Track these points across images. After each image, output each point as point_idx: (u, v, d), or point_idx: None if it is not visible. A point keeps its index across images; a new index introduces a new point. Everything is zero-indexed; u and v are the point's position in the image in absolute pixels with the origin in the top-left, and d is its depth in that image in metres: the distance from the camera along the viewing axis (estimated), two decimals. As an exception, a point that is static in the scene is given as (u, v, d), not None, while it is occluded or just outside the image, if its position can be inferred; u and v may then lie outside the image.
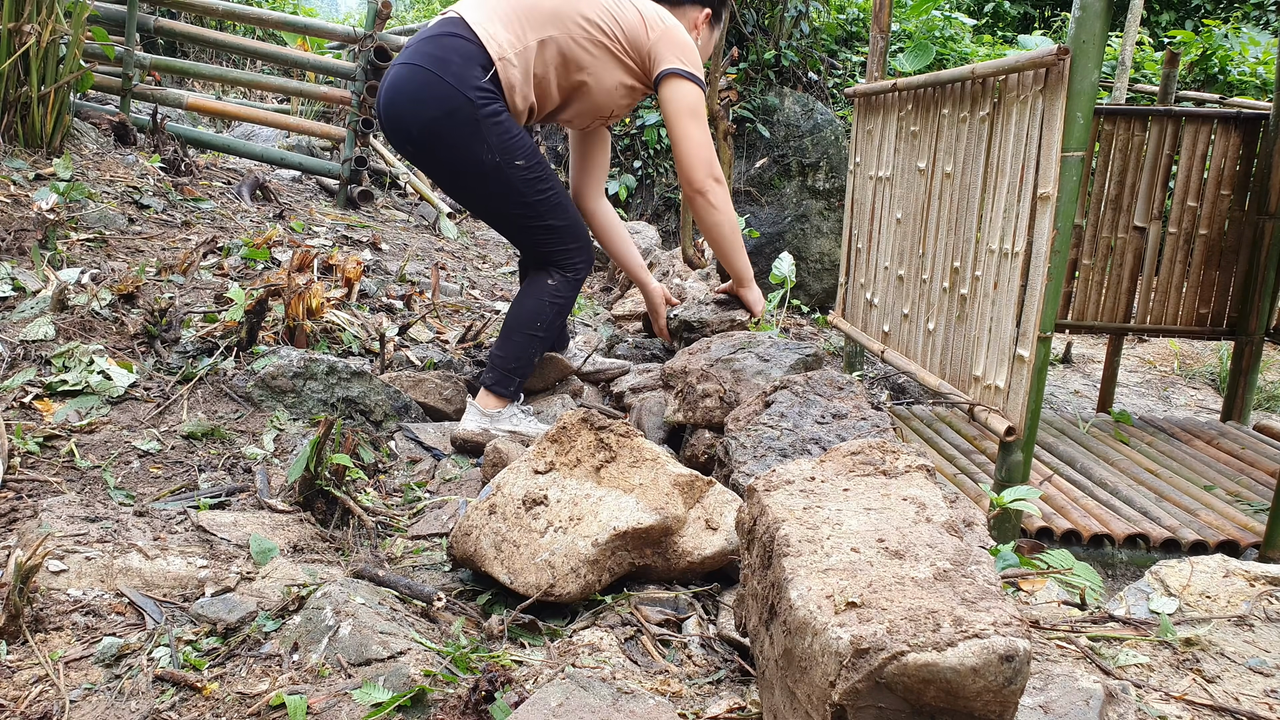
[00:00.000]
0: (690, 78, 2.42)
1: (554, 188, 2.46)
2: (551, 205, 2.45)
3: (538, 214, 2.45)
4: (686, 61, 2.42)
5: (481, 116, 2.33)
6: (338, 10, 19.51)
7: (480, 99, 2.33)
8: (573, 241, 2.50)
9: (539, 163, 2.43)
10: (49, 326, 2.60)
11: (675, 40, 2.44)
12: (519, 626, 1.59)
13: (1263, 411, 6.08)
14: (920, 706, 0.98)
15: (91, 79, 4.45)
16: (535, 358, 2.57)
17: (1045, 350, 2.84)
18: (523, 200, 2.43)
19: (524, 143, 2.40)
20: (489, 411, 2.51)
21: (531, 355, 2.55)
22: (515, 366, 2.54)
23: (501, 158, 2.36)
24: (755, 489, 1.39)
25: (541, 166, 2.44)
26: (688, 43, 2.46)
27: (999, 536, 2.89)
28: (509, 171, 2.38)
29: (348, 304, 3.31)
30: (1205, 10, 12.14)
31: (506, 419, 2.52)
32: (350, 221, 4.97)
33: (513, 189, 2.41)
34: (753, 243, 6.58)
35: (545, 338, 2.56)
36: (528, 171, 2.40)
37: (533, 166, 2.41)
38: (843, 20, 8.24)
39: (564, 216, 2.49)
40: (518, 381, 2.55)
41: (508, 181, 2.39)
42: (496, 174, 2.38)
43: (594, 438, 1.82)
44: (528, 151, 2.40)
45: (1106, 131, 4.46)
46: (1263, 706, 1.35)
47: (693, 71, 2.42)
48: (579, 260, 2.52)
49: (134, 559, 1.65)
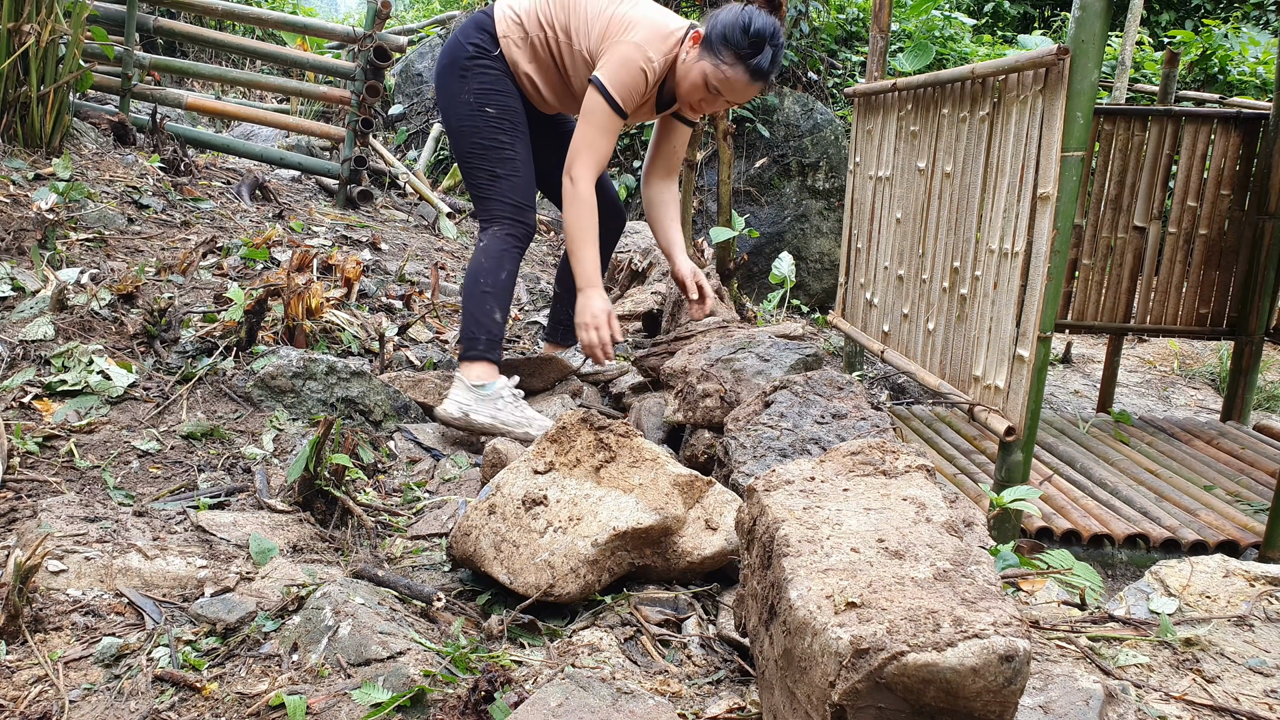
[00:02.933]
0: (602, 90, 2.49)
1: (513, 145, 2.62)
2: (503, 157, 2.61)
3: (488, 159, 2.61)
4: (610, 76, 2.49)
5: (469, 60, 2.63)
6: (338, 10, 19.51)
7: (474, 49, 2.63)
8: (510, 198, 2.61)
9: (510, 119, 2.63)
10: (48, 326, 2.60)
11: (613, 55, 2.51)
12: (519, 626, 1.59)
13: (1263, 411, 6.08)
14: (920, 707, 0.98)
15: (91, 79, 4.45)
16: (494, 313, 2.59)
17: (1045, 350, 2.84)
18: (480, 142, 2.61)
19: (502, 97, 2.62)
20: (474, 383, 2.53)
21: (488, 310, 2.58)
22: (474, 326, 2.59)
23: (475, 98, 2.61)
24: (755, 489, 1.39)
25: (510, 122, 2.62)
26: (623, 58, 2.49)
27: (999, 536, 2.89)
28: (477, 114, 2.61)
29: (347, 304, 3.31)
30: (1205, 10, 12.14)
31: (490, 402, 2.52)
32: (350, 221, 4.96)
33: (475, 129, 2.61)
34: (752, 243, 6.58)
35: (494, 292, 2.59)
36: (495, 120, 2.61)
37: (501, 116, 2.62)
38: (843, 20, 8.24)
39: (510, 170, 2.61)
40: (483, 339, 2.57)
41: (473, 121, 2.61)
42: (467, 113, 2.62)
43: (594, 438, 1.82)
44: (502, 105, 2.62)
45: (1106, 131, 4.46)
46: (1263, 706, 1.35)
47: (605, 84, 2.49)
48: (507, 217, 2.62)
49: (133, 559, 1.65)
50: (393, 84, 8.25)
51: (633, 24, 2.52)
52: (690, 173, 3.92)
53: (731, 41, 2.44)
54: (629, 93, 2.51)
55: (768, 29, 2.45)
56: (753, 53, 2.44)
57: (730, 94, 2.52)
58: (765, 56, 2.46)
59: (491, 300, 2.59)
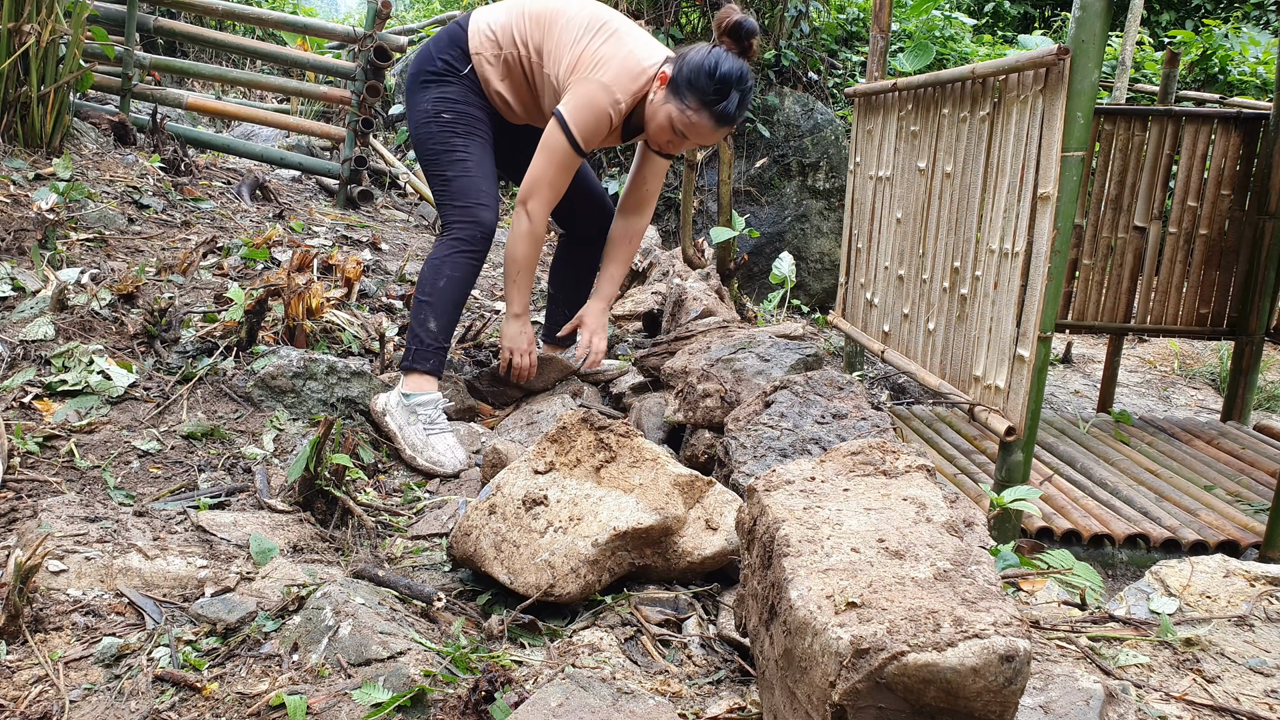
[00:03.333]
0: (564, 127, 2.46)
1: (465, 146, 2.57)
2: (453, 159, 2.57)
3: (440, 164, 2.58)
4: (573, 114, 2.45)
5: (434, 74, 2.61)
6: (338, 10, 19.51)
7: (442, 65, 2.60)
8: (459, 200, 2.56)
9: (464, 122, 2.59)
10: (49, 326, 2.60)
11: (578, 92, 2.46)
12: (519, 626, 1.59)
13: (1263, 411, 6.08)
14: (920, 707, 0.98)
15: (91, 79, 4.45)
16: (428, 322, 2.54)
17: (1045, 350, 2.84)
18: (433, 148, 2.58)
19: (460, 105, 2.59)
20: (403, 390, 2.50)
21: (422, 320, 2.54)
22: (410, 336, 2.55)
23: (432, 105, 2.59)
24: (755, 489, 1.39)
25: (464, 125, 2.58)
26: (589, 98, 2.44)
27: (999, 536, 2.89)
28: (432, 120, 2.59)
29: (347, 304, 3.31)
30: (1205, 10, 12.14)
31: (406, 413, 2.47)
32: (350, 221, 4.96)
33: (430, 135, 2.59)
34: (752, 243, 6.57)
35: (431, 301, 2.54)
36: (449, 124, 2.58)
37: (455, 120, 2.58)
38: (843, 20, 8.24)
39: (460, 171, 2.56)
40: (414, 349, 2.53)
41: (428, 127, 2.59)
42: (423, 120, 2.60)
43: (594, 438, 1.82)
44: (458, 111, 2.59)
45: (1106, 131, 4.46)
46: (1263, 706, 1.35)
47: (567, 122, 2.45)
48: (455, 220, 2.56)
49: (134, 559, 1.65)
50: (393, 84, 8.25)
51: (603, 62, 2.46)
52: (690, 173, 3.92)
53: (697, 86, 2.38)
54: (590, 133, 2.48)
55: (734, 73, 2.38)
56: (718, 99, 2.38)
57: (696, 137, 2.47)
58: (731, 102, 2.39)
59: (427, 310, 2.54)
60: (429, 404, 2.48)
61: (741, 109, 2.44)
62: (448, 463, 2.40)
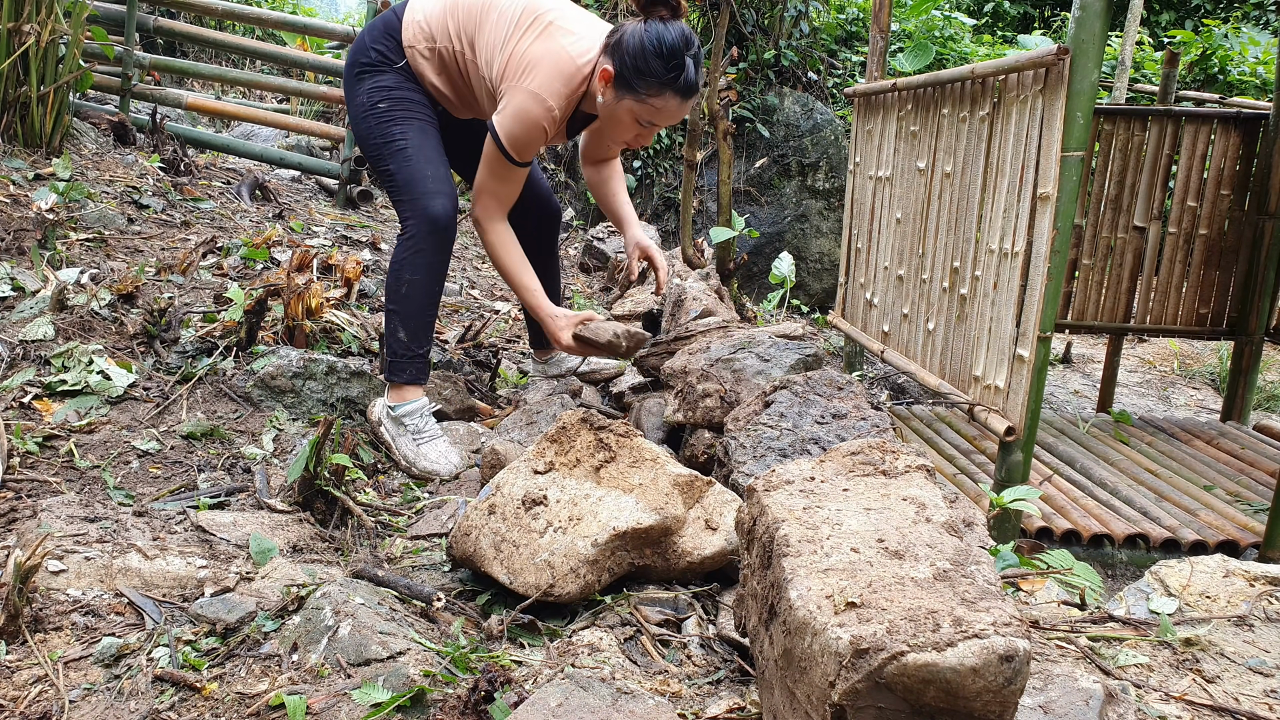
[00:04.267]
0: (497, 141, 2.34)
1: (404, 134, 2.43)
2: (394, 150, 2.43)
3: (383, 159, 2.45)
4: (505, 128, 2.32)
5: (368, 65, 2.48)
6: (338, 10, 19.50)
7: (376, 55, 2.47)
8: (405, 194, 2.43)
9: (401, 109, 2.45)
10: (48, 326, 2.60)
11: (509, 104, 2.32)
12: (518, 626, 1.59)
13: (1263, 411, 6.08)
14: (920, 707, 0.98)
15: (91, 79, 4.45)
16: (398, 331, 2.45)
17: (1045, 350, 2.84)
18: (374, 143, 2.46)
19: (395, 91, 2.46)
20: (390, 403, 2.46)
21: (393, 329, 2.45)
22: (387, 349, 2.48)
23: (367, 97, 2.46)
24: (755, 489, 1.39)
25: (400, 112, 2.45)
26: (519, 110, 2.30)
27: (999, 536, 2.89)
28: (369, 114, 2.46)
29: (347, 304, 3.31)
30: (1205, 10, 12.14)
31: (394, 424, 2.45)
32: (350, 221, 4.96)
33: (369, 130, 2.46)
34: (752, 243, 6.57)
35: (396, 309, 2.45)
36: (385, 114, 2.44)
37: (391, 109, 2.45)
38: (843, 20, 8.24)
39: (402, 161, 2.43)
40: (389, 361, 2.47)
41: (365, 122, 2.47)
42: (360, 115, 2.48)
43: (593, 438, 1.82)
44: (394, 99, 2.45)
45: (1106, 131, 4.46)
46: (1263, 706, 1.35)
47: (501, 137, 2.33)
48: (408, 218, 2.42)
49: (133, 559, 1.65)
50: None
51: (532, 65, 2.30)
52: (690, 173, 3.92)
53: (648, 71, 2.22)
54: (523, 144, 2.35)
55: (679, 40, 2.23)
56: (676, 72, 2.23)
57: (666, 121, 2.34)
58: (689, 70, 2.24)
59: (395, 319, 2.45)
60: (414, 413, 2.45)
61: (700, 72, 2.30)
62: (442, 470, 2.40)
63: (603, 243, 5.40)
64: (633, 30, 2.25)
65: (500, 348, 3.37)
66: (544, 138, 2.36)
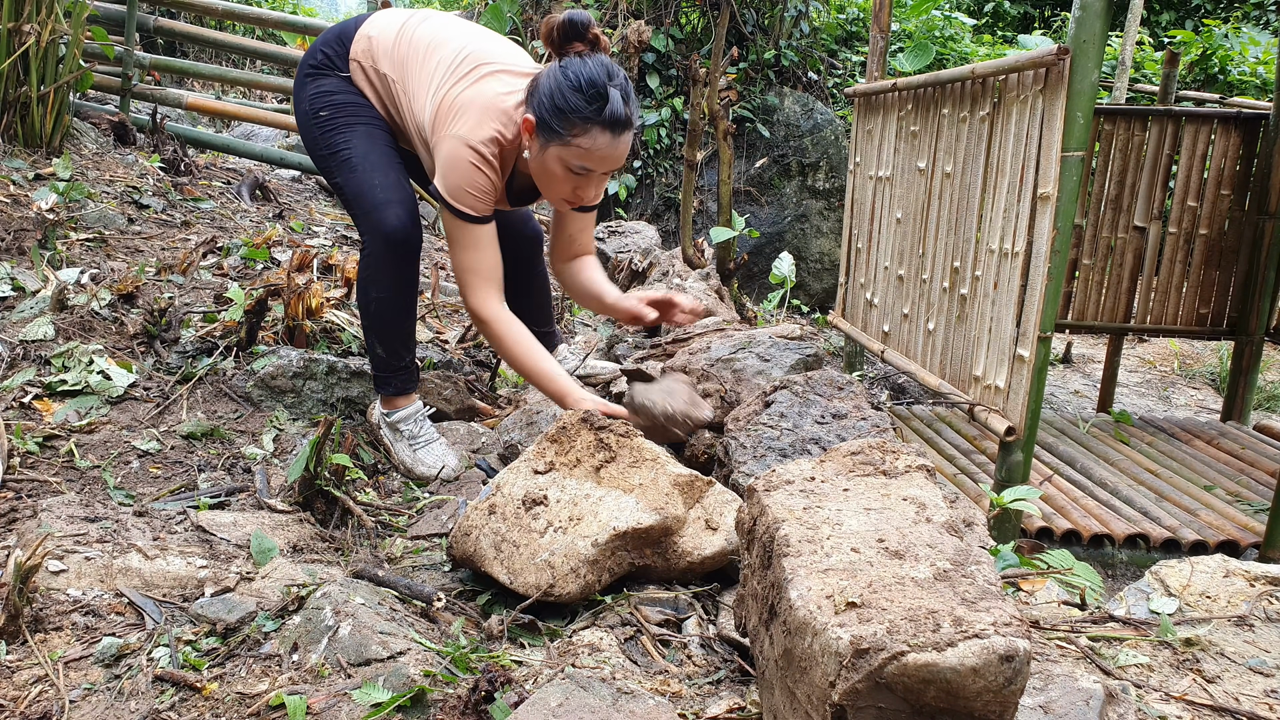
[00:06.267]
0: (448, 206, 2.16)
1: (349, 144, 2.27)
2: (340, 162, 2.28)
3: (330, 169, 2.32)
4: (448, 186, 2.15)
5: (313, 68, 2.35)
6: (338, 10, 19.51)
7: (322, 58, 2.34)
8: (355, 208, 2.28)
9: (343, 115, 2.30)
10: (49, 326, 2.60)
11: (440, 156, 2.15)
12: (519, 626, 1.59)
13: (1263, 411, 6.08)
14: (920, 707, 0.98)
15: (91, 79, 4.45)
16: (375, 347, 2.37)
17: (1045, 350, 2.84)
18: (321, 154, 2.33)
19: (336, 96, 2.31)
20: (384, 410, 2.45)
21: (371, 345, 2.38)
22: (370, 361, 2.43)
23: (310, 105, 2.32)
24: (755, 489, 1.39)
25: (343, 118, 2.29)
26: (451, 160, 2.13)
27: (999, 536, 2.89)
28: (312, 123, 2.32)
29: (347, 304, 3.31)
30: (1205, 10, 12.14)
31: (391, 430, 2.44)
32: (349, 221, 4.96)
33: (314, 140, 2.34)
34: (752, 243, 6.57)
35: (369, 324, 2.33)
36: (327, 122, 2.30)
37: (333, 116, 2.30)
38: (843, 20, 8.24)
39: (349, 175, 2.27)
40: (374, 375, 2.43)
41: (309, 132, 2.34)
42: (305, 124, 2.35)
43: (594, 438, 1.82)
44: (336, 104, 2.30)
45: (1106, 131, 4.46)
46: (1263, 706, 1.35)
47: (445, 197, 2.15)
48: (364, 233, 2.27)
49: (134, 559, 1.65)
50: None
51: (460, 110, 2.12)
52: (690, 173, 3.92)
53: (567, 109, 2.01)
54: (474, 199, 2.14)
55: (599, 72, 2.02)
56: (598, 104, 2.00)
57: (602, 164, 2.08)
58: (614, 102, 2.00)
59: (371, 336, 2.37)
60: (407, 419, 2.43)
61: (630, 106, 2.05)
62: (439, 473, 2.40)
63: (603, 243, 5.40)
64: (547, 72, 2.07)
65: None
66: (489, 185, 2.16)
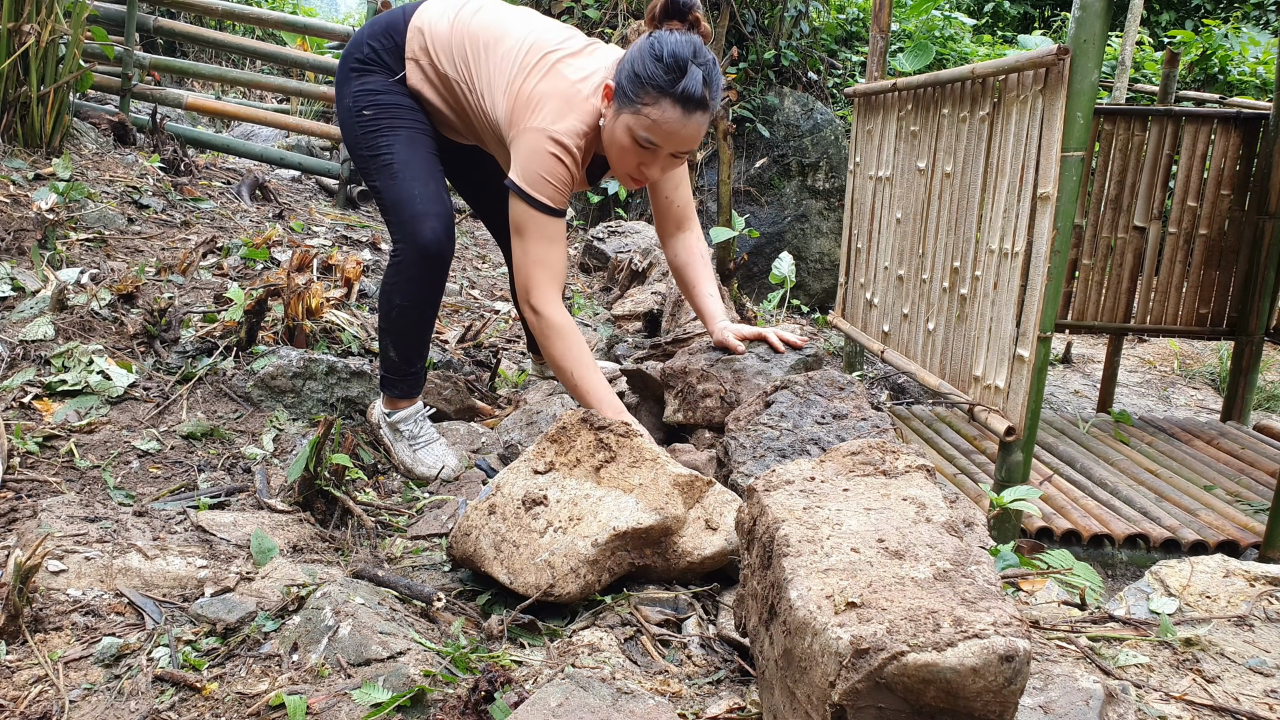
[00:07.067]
0: (524, 197, 2.09)
1: (391, 149, 2.24)
2: (381, 165, 2.24)
3: (369, 172, 2.29)
4: (526, 177, 2.09)
5: (359, 64, 2.30)
6: (338, 10, 19.50)
7: (369, 52, 2.30)
8: (393, 215, 2.24)
9: (387, 117, 2.26)
10: (48, 326, 2.60)
11: (520, 148, 2.11)
12: (519, 626, 1.59)
13: (1263, 411, 6.08)
14: (920, 707, 0.98)
15: (91, 79, 4.45)
16: (389, 350, 2.36)
17: (1045, 350, 2.84)
18: (361, 154, 2.30)
19: (381, 96, 2.27)
20: (385, 410, 2.44)
21: (384, 347, 2.37)
22: (380, 361, 2.42)
23: (353, 101, 2.28)
24: (755, 489, 1.39)
25: (386, 120, 2.26)
26: (532, 150, 2.08)
27: (999, 536, 2.89)
28: (354, 120, 2.28)
29: (347, 304, 3.31)
30: (1205, 10, 12.14)
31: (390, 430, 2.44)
32: (350, 221, 4.96)
33: (355, 140, 2.30)
34: (752, 243, 6.57)
35: (387, 328, 2.33)
36: (370, 122, 2.26)
37: (377, 116, 2.26)
38: (843, 20, 8.24)
39: (390, 181, 2.24)
40: (381, 375, 2.43)
41: (351, 130, 2.30)
42: (347, 120, 2.31)
43: (593, 437, 1.82)
44: (381, 104, 2.26)
45: (1106, 131, 4.46)
46: (1263, 706, 1.35)
47: (523, 187, 2.08)
48: (398, 241, 2.24)
49: (134, 559, 1.65)
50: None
51: (539, 103, 2.08)
52: (690, 173, 3.92)
53: (646, 76, 1.95)
54: (554, 190, 2.09)
55: (685, 48, 1.96)
56: (676, 77, 1.94)
57: (668, 142, 2.00)
58: (693, 78, 1.94)
59: (386, 338, 2.36)
60: (408, 419, 2.43)
61: (711, 89, 1.99)
62: (438, 474, 2.40)
63: (603, 243, 5.40)
64: (636, 43, 2.04)
65: (500, 348, 3.37)
66: (569, 176, 2.11)
